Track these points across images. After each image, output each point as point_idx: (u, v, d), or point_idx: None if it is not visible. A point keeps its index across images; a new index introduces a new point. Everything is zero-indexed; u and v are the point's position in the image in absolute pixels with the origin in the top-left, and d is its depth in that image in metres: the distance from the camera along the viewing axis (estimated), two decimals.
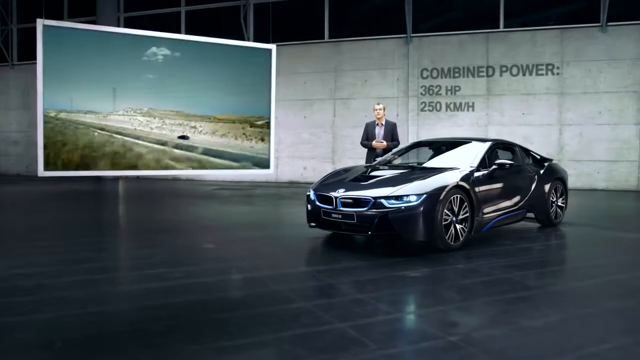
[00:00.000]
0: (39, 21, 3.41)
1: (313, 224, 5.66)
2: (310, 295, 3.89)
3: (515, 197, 6.22)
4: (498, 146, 6.53)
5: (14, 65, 17.66)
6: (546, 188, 6.71)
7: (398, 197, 5.01)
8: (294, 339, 2.87)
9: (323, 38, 14.56)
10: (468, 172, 5.52)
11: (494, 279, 4.25)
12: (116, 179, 14.35)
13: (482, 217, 5.56)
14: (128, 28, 3.73)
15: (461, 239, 5.26)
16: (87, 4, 15.73)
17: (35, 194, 11.65)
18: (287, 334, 2.94)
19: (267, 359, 2.72)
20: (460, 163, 5.77)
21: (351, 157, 13.10)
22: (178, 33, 3.85)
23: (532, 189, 6.54)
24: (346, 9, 14.77)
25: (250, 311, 3.39)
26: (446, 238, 5.09)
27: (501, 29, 13.00)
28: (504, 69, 12.83)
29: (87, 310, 3.38)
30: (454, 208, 5.18)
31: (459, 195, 5.23)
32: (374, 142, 7.35)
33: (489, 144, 6.22)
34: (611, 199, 10.76)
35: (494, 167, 5.87)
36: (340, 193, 5.29)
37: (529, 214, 6.60)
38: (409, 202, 4.98)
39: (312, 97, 14.42)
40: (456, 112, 13.21)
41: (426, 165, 6.13)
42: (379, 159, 6.88)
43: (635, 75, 11.96)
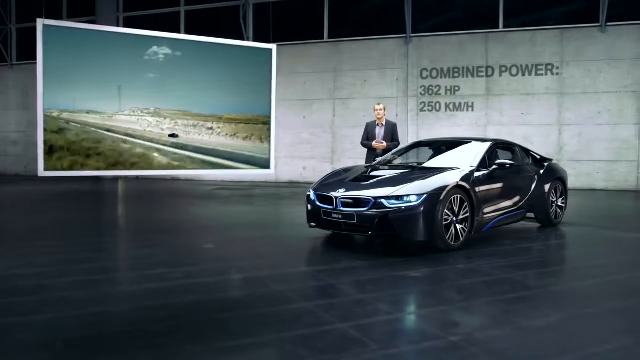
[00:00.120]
0: (39, 21, 3.40)
1: (313, 224, 5.65)
2: (311, 295, 3.88)
3: (515, 197, 6.22)
4: (498, 146, 6.53)
5: (13, 65, 17.65)
6: (546, 188, 6.71)
7: (398, 197, 5.01)
8: (295, 340, 2.87)
9: (322, 38, 14.55)
10: (468, 172, 5.52)
11: (495, 279, 4.25)
12: (115, 178, 14.33)
13: (482, 217, 5.56)
14: (128, 28, 3.72)
15: (461, 239, 5.26)
16: (87, 4, 15.71)
17: (35, 194, 11.63)
18: (288, 335, 2.93)
19: (269, 359, 2.71)
20: (461, 163, 5.77)
21: (351, 157, 13.09)
22: (177, 33, 3.83)
23: (532, 189, 6.54)
24: (346, 9, 14.77)
25: (251, 311, 3.38)
26: (446, 238, 5.09)
27: (501, 29, 13.00)
28: (503, 69, 12.83)
29: (87, 311, 3.37)
30: (454, 208, 5.18)
31: (459, 195, 5.23)
32: (374, 143, 7.34)
33: (489, 144, 6.22)
34: (611, 199, 10.77)
35: (494, 167, 5.87)
36: (340, 193, 5.29)
37: (528, 214, 6.60)
38: (410, 202, 4.97)
39: (312, 97, 14.42)
40: (456, 112, 13.21)
41: (426, 165, 6.13)
42: (379, 159, 6.87)
43: (634, 75, 11.96)
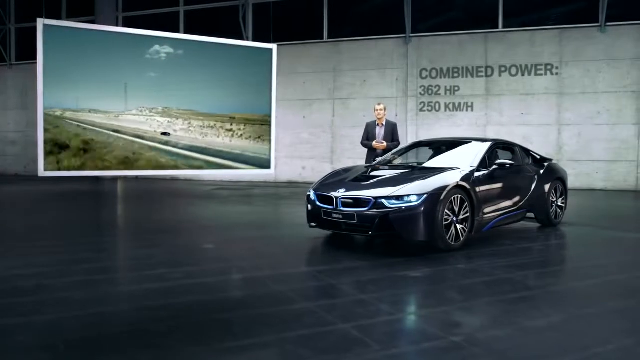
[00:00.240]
0: (39, 21, 3.40)
1: (313, 224, 5.64)
2: (311, 295, 3.88)
3: (515, 197, 6.22)
4: (498, 146, 6.53)
5: (12, 65, 17.62)
6: (546, 188, 6.71)
7: (399, 197, 5.00)
8: (296, 340, 2.86)
9: (322, 38, 14.55)
10: (468, 172, 5.52)
11: (495, 279, 4.24)
12: (115, 178, 14.31)
13: (482, 217, 5.56)
14: (128, 28, 3.71)
15: (461, 239, 5.26)
16: (86, 4, 15.70)
17: (34, 194, 11.62)
18: (289, 335, 2.93)
19: (270, 359, 2.71)
20: (461, 163, 5.76)
21: (350, 157, 13.09)
22: (177, 33, 3.82)
23: (532, 189, 6.53)
24: (345, 9, 14.76)
25: (252, 312, 3.38)
26: (447, 238, 5.08)
27: (500, 29, 13.00)
28: (503, 69, 12.83)
29: (87, 311, 3.36)
30: (455, 208, 5.18)
31: (459, 195, 5.23)
32: (374, 143, 7.33)
33: (489, 144, 6.22)
34: (610, 199, 10.78)
35: (494, 167, 5.86)
36: (340, 193, 5.28)
37: (528, 214, 6.60)
38: (410, 202, 4.97)
39: (311, 97, 14.41)
40: (455, 112, 13.21)
41: (426, 165, 6.12)
42: (379, 159, 6.87)
43: (634, 75, 11.97)
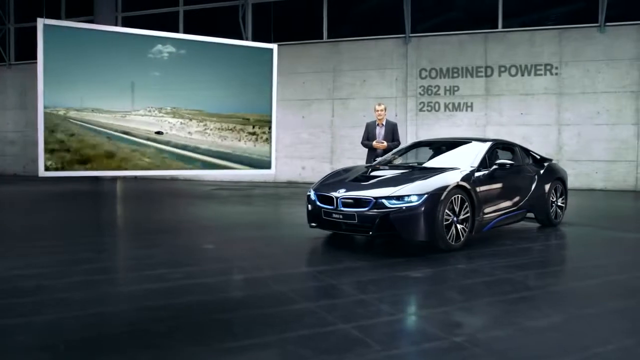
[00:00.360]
0: (39, 20, 3.39)
1: (314, 224, 5.64)
2: (312, 295, 3.87)
3: (515, 197, 6.22)
4: (498, 146, 6.53)
5: (11, 65, 17.60)
6: (546, 188, 6.71)
7: (399, 197, 5.00)
8: (297, 340, 2.86)
9: (322, 38, 14.54)
10: (469, 172, 5.51)
11: (496, 279, 4.24)
12: (114, 179, 14.29)
13: (482, 217, 5.56)
14: (127, 27, 3.70)
15: (462, 239, 5.26)
16: (85, 4, 15.68)
17: (34, 194, 11.60)
18: (290, 335, 2.92)
19: (271, 359, 2.71)
20: (461, 163, 5.76)
21: (350, 157, 13.08)
22: (176, 33, 3.81)
23: (532, 189, 6.53)
24: (345, 9, 14.76)
25: (253, 312, 3.37)
26: (447, 238, 5.08)
27: (500, 29, 13.00)
28: (502, 69, 12.84)
29: (87, 312, 3.36)
30: (455, 208, 5.17)
31: (459, 195, 5.22)
32: (374, 143, 7.33)
33: (489, 144, 6.21)
34: (610, 199, 10.78)
35: (495, 167, 5.86)
36: (341, 193, 5.28)
37: (528, 214, 6.60)
38: (410, 202, 4.96)
39: (311, 97, 14.41)
40: (455, 112, 13.21)
41: (427, 165, 6.12)
42: (379, 159, 6.86)
43: (633, 75, 11.98)
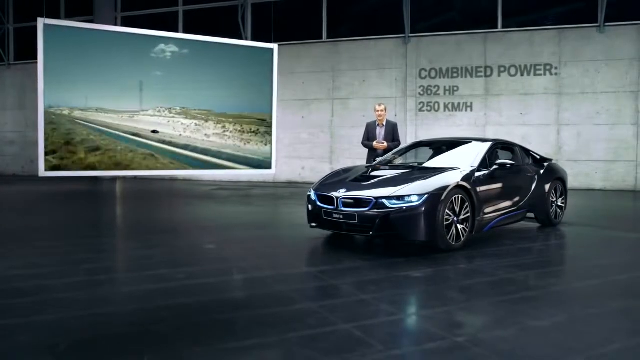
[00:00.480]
0: (39, 20, 3.38)
1: (314, 224, 5.63)
2: (313, 296, 3.87)
3: (515, 197, 6.22)
4: (498, 146, 6.53)
5: (10, 65, 17.57)
6: (546, 188, 6.71)
7: (400, 197, 4.99)
8: (299, 340, 2.85)
9: (321, 38, 14.53)
10: (469, 172, 5.51)
11: (497, 279, 4.24)
12: (113, 179, 14.28)
13: (483, 217, 5.56)
14: (127, 27, 3.69)
15: (462, 239, 5.25)
16: (85, 4, 15.66)
17: (33, 194, 11.58)
18: (292, 335, 2.92)
19: None
20: (461, 163, 5.76)
21: (349, 157, 13.08)
22: (176, 33, 3.80)
23: (532, 189, 6.53)
24: (344, 9, 14.76)
25: (254, 312, 3.37)
26: (447, 238, 5.08)
27: (499, 29, 13.01)
28: (502, 69, 12.84)
29: (87, 312, 3.35)
30: (456, 208, 5.17)
31: (460, 196, 5.22)
32: (374, 143, 7.32)
33: (489, 144, 6.21)
34: (609, 199, 10.79)
35: (495, 167, 5.86)
36: (341, 193, 5.27)
37: (528, 214, 6.60)
38: (411, 202, 4.96)
39: (310, 97, 14.40)
40: (454, 112, 13.21)
41: (427, 165, 6.12)
42: (379, 159, 6.86)
43: (632, 75, 11.99)
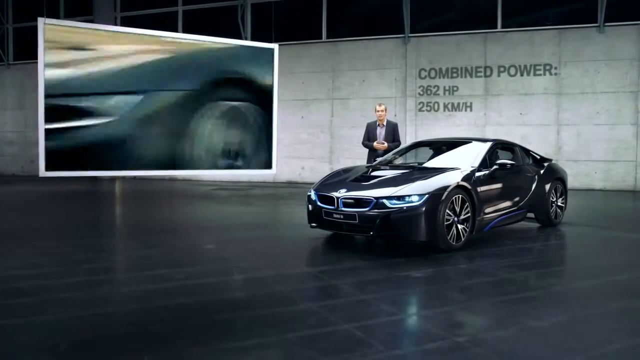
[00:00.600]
0: (40, 20, 3.38)
1: (314, 224, 5.62)
2: (314, 296, 3.87)
3: (515, 197, 6.22)
4: (498, 146, 6.53)
5: (9, 65, 17.56)
6: (546, 188, 6.71)
7: (400, 197, 4.99)
8: (299, 340, 2.85)
9: (321, 38, 14.54)
10: (469, 172, 5.51)
11: (497, 279, 4.24)
12: (113, 179, 14.27)
13: (483, 217, 5.56)
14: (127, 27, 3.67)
15: (463, 239, 5.25)
16: (84, 4, 15.66)
17: (33, 194, 11.58)
18: (292, 335, 2.92)
19: None
20: (462, 163, 5.76)
21: (349, 157, 13.08)
22: (175, 33, 3.79)
23: (532, 189, 6.53)
24: (344, 9, 14.76)
25: (254, 312, 3.36)
26: (448, 238, 5.08)
27: (499, 29, 13.01)
28: (501, 69, 12.84)
29: (87, 312, 3.35)
30: (456, 208, 5.17)
31: (460, 196, 5.22)
32: (375, 143, 7.32)
33: (489, 144, 6.21)
34: (609, 199, 10.79)
35: (495, 167, 5.86)
36: (341, 193, 5.27)
37: (528, 214, 6.60)
38: (411, 202, 4.96)
39: (310, 97, 14.40)
40: (454, 112, 13.21)
41: (427, 165, 6.12)
42: (379, 159, 6.86)
43: (632, 75, 12.00)
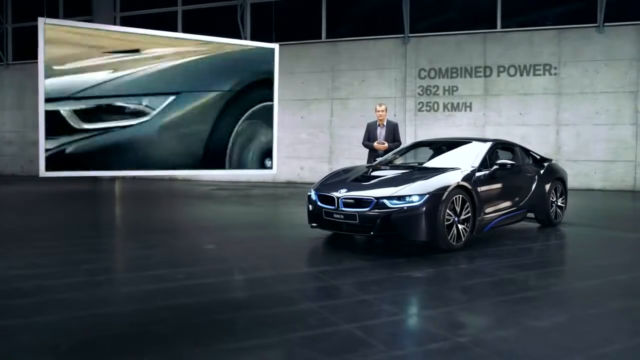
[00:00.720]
0: (40, 20, 3.37)
1: (314, 224, 5.62)
2: (314, 296, 3.86)
3: (516, 197, 6.22)
4: (498, 146, 6.53)
5: (9, 64, 17.54)
6: (546, 188, 6.71)
7: (400, 197, 4.99)
8: (301, 341, 2.85)
9: (320, 38, 14.53)
10: (470, 172, 5.51)
11: (498, 279, 4.24)
12: (112, 179, 14.26)
13: (483, 217, 5.56)
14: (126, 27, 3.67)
15: (463, 239, 5.25)
16: (83, 3, 15.64)
17: (33, 194, 11.57)
18: (293, 336, 2.91)
19: None
20: (462, 163, 5.76)
21: (348, 157, 13.07)
22: (175, 32, 3.79)
23: (532, 189, 6.54)
24: (343, 9, 14.75)
25: (255, 312, 3.36)
26: (448, 238, 5.08)
27: (499, 29, 13.01)
28: (501, 69, 12.84)
29: (88, 313, 3.34)
30: (456, 208, 5.17)
31: (461, 196, 5.22)
32: (375, 144, 7.31)
33: (489, 144, 6.21)
34: (608, 199, 10.80)
35: (495, 167, 5.86)
36: (342, 193, 5.26)
37: (529, 214, 6.60)
38: (412, 202, 4.96)
39: (310, 97, 14.40)
40: (454, 112, 13.21)
41: (427, 165, 6.12)
42: (379, 159, 6.85)
43: (631, 75, 12.00)
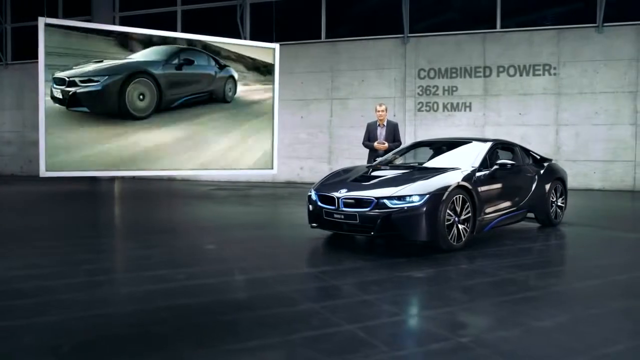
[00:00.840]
0: (40, 19, 3.38)
1: (314, 224, 5.62)
2: (315, 296, 3.86)
3: (516, 197, 6.22)
4: (498, 146, 6.53)
5: (8, 64, 17.51)
6: (546, 188, 6.72)
7: (401, 198, 4.99)
8: (302, 341, 2.84)
9: (320, 38, 14.52)
10: (470, 172, 5.51)
11: (499, 279, 4.24)
12: (112, 179, 14.24)
13: (483, 217, 5.56)
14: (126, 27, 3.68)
15: (463, 239, 5.25)
16: (83, 3, 15.62)
17: (33, 194, 11.55)
18: (295, 336, 2.91)
19: None
20: (462, 163, 5.76)
21: (348, 158, 13.08)
22: (174, 32, 3.79)
23: (532, 189, 6.54)
24: (343, 9, 14.75)
25: (256, 313, 3.36)
26: (449, 238, 5.08)
27: (498, 29, 13.02)
28: (501, 69, 12.85)
29: (89, 313, 3.33)
30: (457, 208, 5.17)
31: (461, 196, 5.22)
32: (375, 144, 7.31)
33: (490, 144, 6.21)
34: (608, 199, 10.81)
35: (496, 167, 5.86)
36: (342, 193, 5.26)
37: (529, 214, 6.60)
38: (412, 202, 4.96)
39: (309, 97, 14.39)
40: (453, 112, 13.21)
41: (427, 165, 6.12)
42: (379, 159, 6.85)
43: (631, 75, 12.01)
